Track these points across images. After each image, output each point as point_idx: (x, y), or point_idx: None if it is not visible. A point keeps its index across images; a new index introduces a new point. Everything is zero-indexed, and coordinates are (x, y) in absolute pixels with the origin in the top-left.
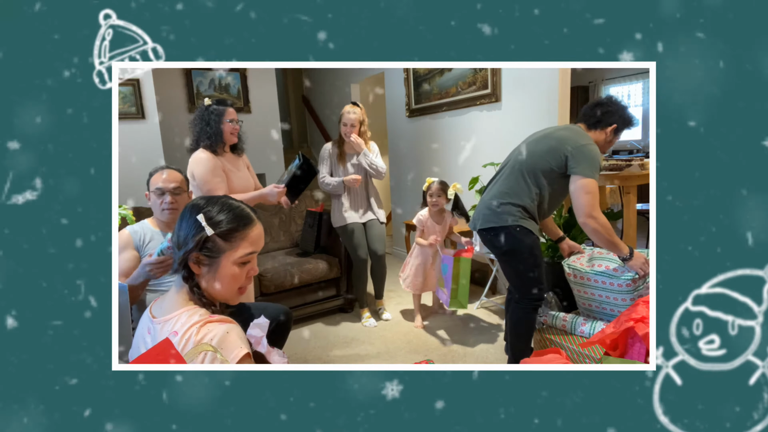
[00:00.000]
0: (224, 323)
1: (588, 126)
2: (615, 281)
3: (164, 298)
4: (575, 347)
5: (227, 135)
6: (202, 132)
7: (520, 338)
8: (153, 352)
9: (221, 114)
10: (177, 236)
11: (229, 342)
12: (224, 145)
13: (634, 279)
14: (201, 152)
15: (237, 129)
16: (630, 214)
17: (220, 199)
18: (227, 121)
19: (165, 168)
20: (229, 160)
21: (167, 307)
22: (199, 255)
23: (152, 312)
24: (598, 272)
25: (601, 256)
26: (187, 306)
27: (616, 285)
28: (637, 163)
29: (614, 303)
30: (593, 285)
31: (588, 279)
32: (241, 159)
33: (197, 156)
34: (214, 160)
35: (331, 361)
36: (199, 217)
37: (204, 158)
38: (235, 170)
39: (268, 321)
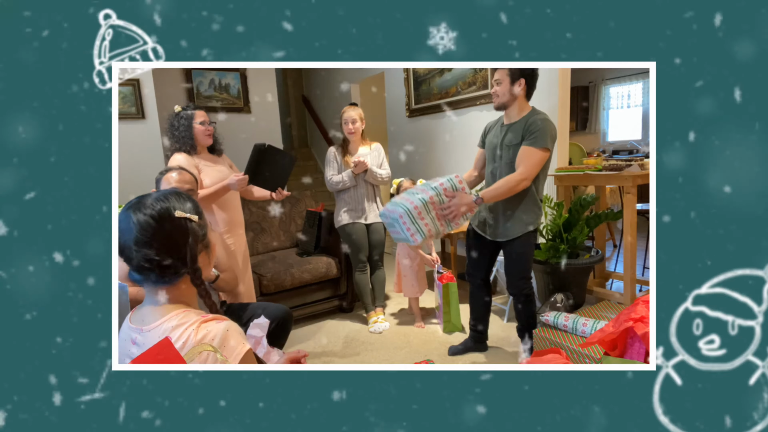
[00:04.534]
0: (221, 321)
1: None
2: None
3: (143, 309)
4: (575, 347)
5: (200, 137)
6: (173, 138)
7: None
8: (153, 352)
9: (190, 118)
10: (162, 248)
11: (230, 340)
12: (197, 147)
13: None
14: (176, 155)
15: (210, 130)
16: (630, 214)
17: (167, 194)
18: (197, 123)
19: (177, 169)
20: (206, 158)
21: (151, 316)
22: (200, 245)
23: (133, 322)
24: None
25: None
26: (176, 310)
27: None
28: (637, 163)
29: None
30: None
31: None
32: (222, 158)
33: (172, 158)
34: (186, 159)
35: (330, 361)
36: (178, 214)
37: (176, 158)
38: (211, 165)
39: (268, 321)
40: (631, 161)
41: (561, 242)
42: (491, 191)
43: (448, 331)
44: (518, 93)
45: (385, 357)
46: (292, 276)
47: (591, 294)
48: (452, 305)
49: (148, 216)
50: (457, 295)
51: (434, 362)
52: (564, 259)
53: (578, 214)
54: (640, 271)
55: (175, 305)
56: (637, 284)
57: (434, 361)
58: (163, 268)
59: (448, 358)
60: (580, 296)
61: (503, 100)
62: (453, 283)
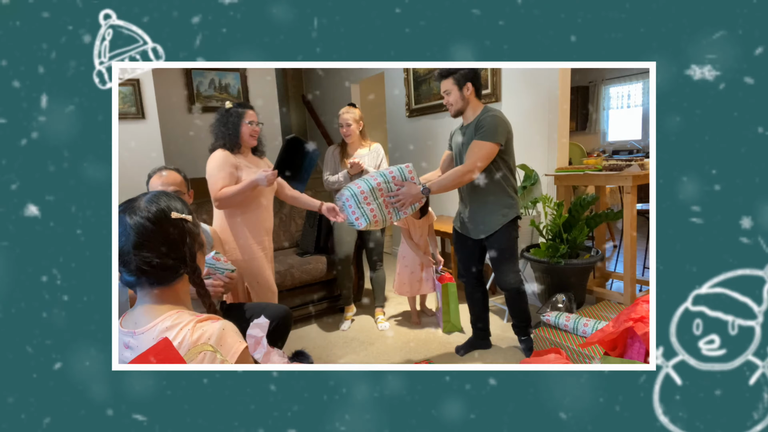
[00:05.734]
0: (216, 321)
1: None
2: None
3: (134, 312)
4: (575, 347)
5: (245, 137)
6: (219, 134)
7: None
8: (152, 352)
9: (240, 116)
10: (162, 250)
11: (227, 338)
12: (241, 146)
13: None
14: (218, 151)
15: (257, 131)
16: (630, 214)
17: (157, 195)
18: (246, 122)
19: (164, 169)
20: (248, 159)
21: (143, 318)
22: (197, 244)
23: (124, 326)
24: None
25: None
26: (169, 311)
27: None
28: (637, 163)
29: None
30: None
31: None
32: (264, 161)
33: (213, 155)
34: (226, 157)
35: (330, 361)
36: (174, 215)
37: (217, 155)
38: (251, 167)
39: (268, 321)
40: (631, 161)
41: (561, 242)
42: (438, 182)
43: (447, 331)
44: (468, 96)
45: (385, 357)
46: (292, 276)
47: (591, 294)
48: (452, 305)
49: (144, 219)
50: (456, 295)
51: (434, 362)
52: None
53: (578, 214)
54: (640, 271)
55: (168, 306)
56: (637, 284)
57: (434, 361)
58: (163, 270)
59: (448, 358)
60: (580, 296)
61: (458, 107)
62: (452, 284)
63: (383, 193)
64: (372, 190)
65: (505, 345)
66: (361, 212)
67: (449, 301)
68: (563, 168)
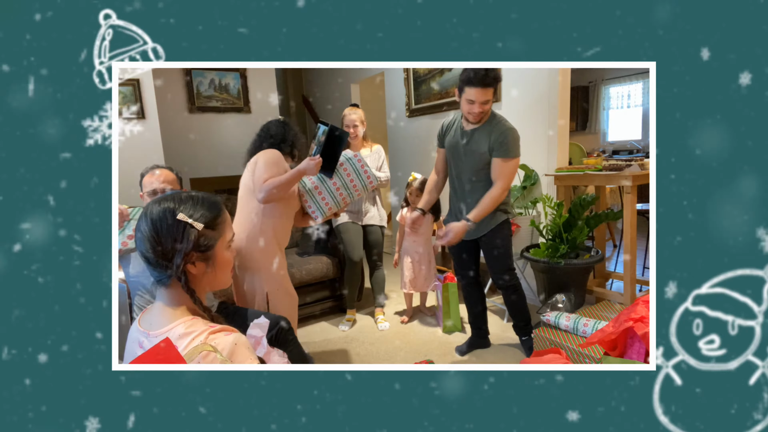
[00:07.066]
0: (229, 334)
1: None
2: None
3: (152, 311)
4: (575, 347)
5: (303, 149)
6: (279, 138)
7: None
8: (153, 352)
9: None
10: (156, 248)
11: (239, 354)
12: (295, 156)
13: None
14: (274, 150)
15: (312, 148)
16: (630, 214)
17: (179, 195)
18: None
19: (156, 167)
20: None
21: (159, 320)
22: (195, 253)
23: (141, 325)
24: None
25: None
26: (183, 318)
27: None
28: (637, 163)
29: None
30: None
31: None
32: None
33: (270, 150)
34: (281, 157)
35: (330, 361)
36: (180, 217)
37: (274, 152)
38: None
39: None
40: (631, 161)
41: (561, 242)
42: (478, 211)
43: (447, 331)
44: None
45: (385, 357)
46: (292, 276)
47: (591, 294)
48: (452, 306)
49: (153, 207)
50: (456, 295)
51: (434, 362)
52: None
53: (578, 214)
54: (640, 271)
55: (182, 311)
56: (637, 284)
57: (434, 361)
58: (152, 266)
59: (448, 358)
60: (580, 296)
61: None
62: (453, 284)
63: (334, 181)
64: (321, 180)
65: (505, 345)
66: (317, 206)
67: (449, 301)
68: (563, 168)
